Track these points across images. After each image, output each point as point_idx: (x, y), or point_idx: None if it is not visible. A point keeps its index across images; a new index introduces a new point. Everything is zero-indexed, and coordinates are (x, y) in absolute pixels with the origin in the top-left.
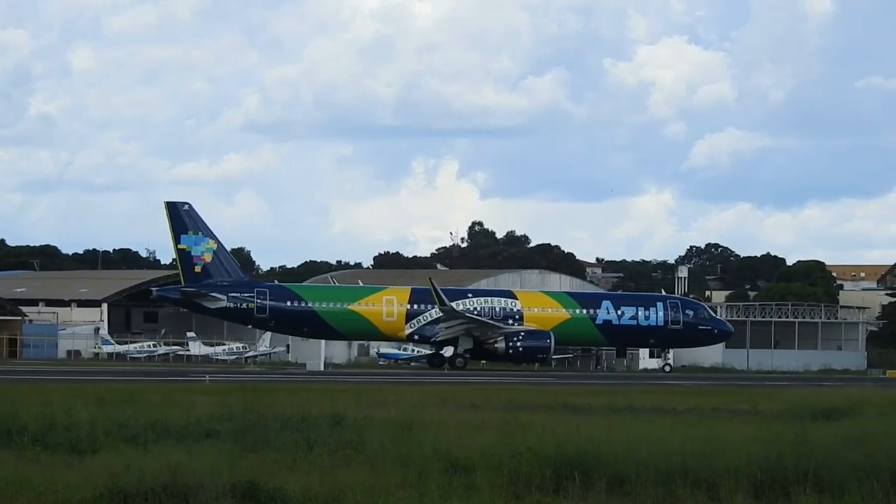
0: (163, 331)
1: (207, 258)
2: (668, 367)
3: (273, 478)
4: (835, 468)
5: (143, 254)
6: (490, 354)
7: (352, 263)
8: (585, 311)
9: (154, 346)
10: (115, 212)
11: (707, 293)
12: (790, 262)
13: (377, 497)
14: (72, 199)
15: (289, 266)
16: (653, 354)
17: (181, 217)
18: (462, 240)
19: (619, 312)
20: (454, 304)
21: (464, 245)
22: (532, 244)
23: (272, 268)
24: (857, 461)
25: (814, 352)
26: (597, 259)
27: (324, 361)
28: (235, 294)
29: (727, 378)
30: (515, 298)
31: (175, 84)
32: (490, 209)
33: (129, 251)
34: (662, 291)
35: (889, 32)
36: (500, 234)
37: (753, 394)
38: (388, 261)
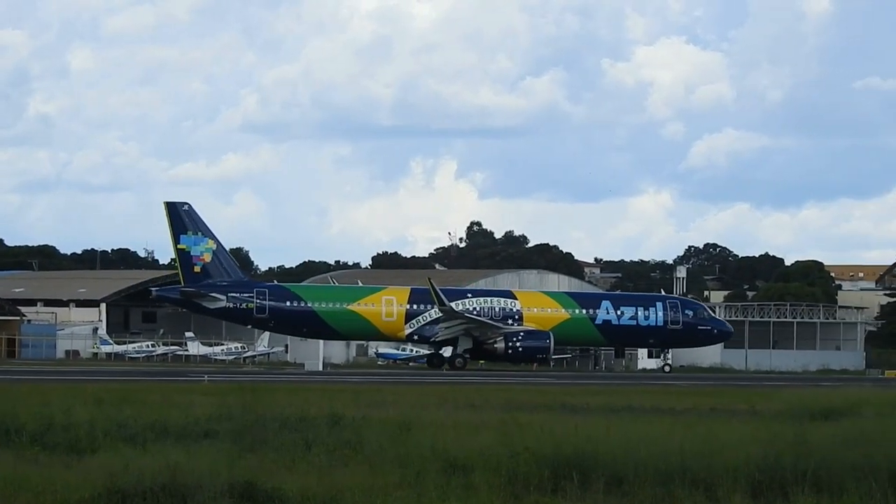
0: (161, 331)
1: (207, 258)
2: (668, 368)
3: (271, 478)
4: (833, 468)
5: (142, 254)
6: (489, 354)
7: (350, 263)
8: (585, 312)
9: (152, 346)
10: (114, 212)
11: (705, 293)
12: (788, 263)
13: (375, 497)
14: (70, 200)
15: (287, 266)
16: (651, 354)
17: (181, 217)
18: (460, 240)
19: (619, 312)
20: (454, 305)
21: (462, 245)
22: (530, 244)
23: (271, 268)
24: (856, 461)
25: (812, 352)
26: (595, 259)
27: (322, 361)
28: (235, 294)
29: (725, 378)
30: (515, 298)
31: (173, 84)
32: (488, 209)
33: (128, 251)
34: (662, 291)
35: (887, 33)
36: (499, 235)
37: (752, 394)
38: (387, 261)
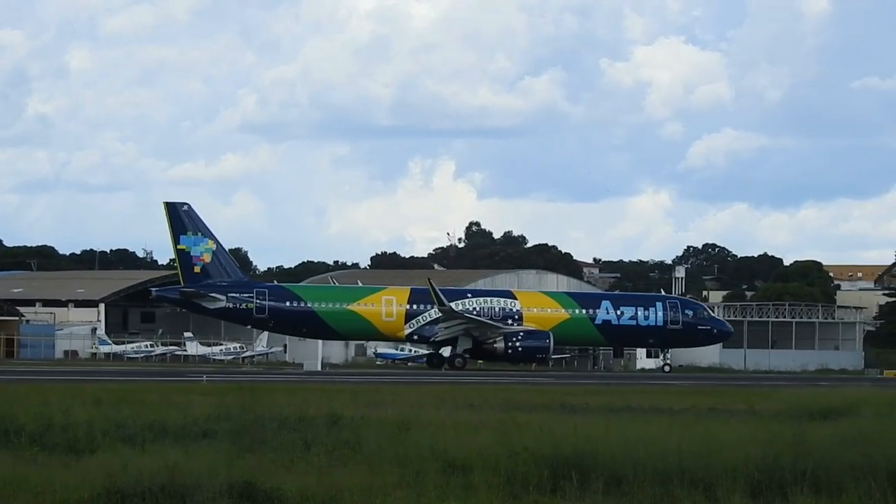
0: (160, 331)
1: (207, 258)
2: (668, 367)
3: (270, 478)
4: (832, 468)
5: (140, 254)
6: (489, 354)
7: (349, 264)
8: (585, 312)
9: (151, 347)
10: (112, 212)
11: (704, 293)
12: (787, 263)
13: (374, 497)
14: (69, 200)
15: (286, 266)
16: (650, 354)
17: (180, 217)
18: (459, 240)
19: (619, 312)
20: (453, 305)
21: (461, 245)
22: (529, 244)
23: (269, 268)
24: (855, 461)
25: (811, 352)
26: (594, 259)
27: (321, 361)
28: (235, 294)
29: (724, 378)
30: (515, 298)
31: (172, 84)
32: (487, 209)
33: (126, 251)
34: (662, 291)
35: (886, 33)
36: (498, 235)
37: (751, 394)
38: (385, 261)
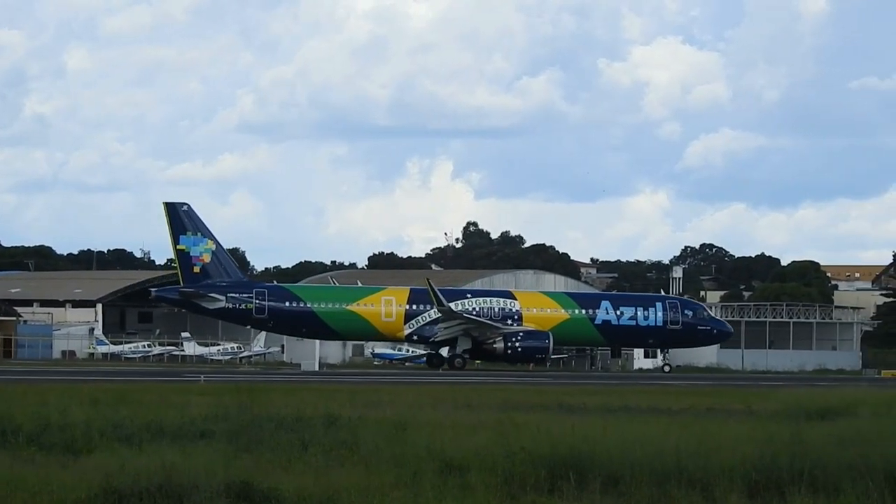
0: (157, 331)
1: (206, 259)
2: (668, 368)
3: (267, 478)
4: (829, 468)
5: (138, 254)
6: (489, 355)
7: (346, 264)
8: (584, 312)
9: (149, 347)
10: (110, 212)
11: (702, 293)
12: (785, 263)
13: (372, 497)
14: (66, 200)
15: (284, 266)
16: (648, 354)
17: (180, 217)
18: (457, 240)
19: (619, 313)
20: (453, 305)
21: (458, 245)
22: (527, 244)
23: (267, 268)
24: (852, 461)
25: (808, 352)
26: (591, 259)
27: (318, 361)
28: (234, 294)
29: (722, 378)
30: (514, 299)
31: (170, 85)
32: (485, 209)
33: (124, 251)
34: (662, 292)
35: (884, 33)
36: (495, 235)
37: (748, 394)
38: (383, 261)
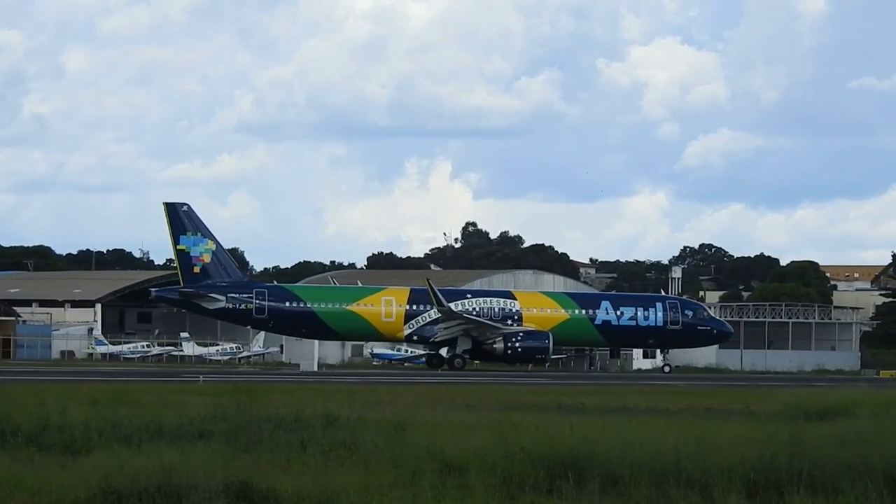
0: (156, 331)
1: (206, 259)
2: (668, 368)
3: (266, 478)
4: (828, 468)
5: (137, 254)
6: (489, 355)
7: (345, 264)
8: (584, 312)
9: (148, 347)
10: (109, 212)
11: (700, 294)
12: (784, 263)
13: (370, 497)
14: (65, 200)
15: (282, 266)
16: (646, 355)
17: (180, 218)
18: (456, 240)
19: (619, 313)
20: (453, 305)
21: (457, 245)
22: (526, 245)
23: (266, 268)
24: (851, 461)
25: (807, 352)
26: (590, 259)
27: (317, 362)
28: (234, 295)
29: (721, 378)
30: (514, 299)
31: (168, 85)
32: (483, 210)
33: (123, 252)
34: (662, 292)
35: (882, 33)
36: (494, 235)
37: (747, 394)
38: (382, 261)
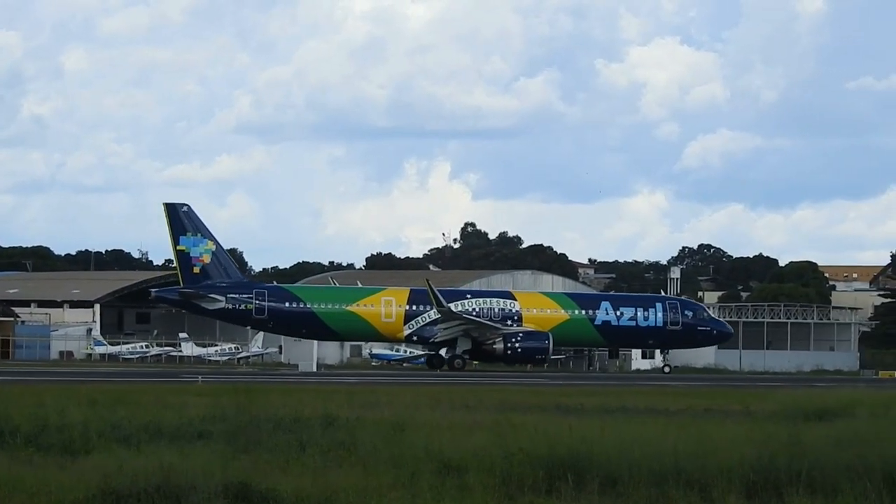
0: (155, 332)
1: (206, 259)
2: (668, 368)
3: (265, 478)
4: (827, 469)
5: (136, 255)
6: (489, 355)
7: (344, 264)
8: (584, 312)
9: (146, 347)
10: (108, 213)
11: (699, 294)
12: (782, 263)
13: (369, 498)
14: (64, 201)
15: (281, 267)
16: (645, 355)
17: (180, 218)
18: (454, 241)
19: (619, 313)
20: (453, 306)
21: (456, 246)
22: (524, 245)
23: (265, 269)
24: (850, 462)
25: (806, 352)
26: (589, 260)
27: (316, 362)
28: (234, 295)
29: (720, 379)
30: (514, 299)
31: (167, 85)
32: (482, 210)
33: (122, 252)
34: (662, 292)
35: (881, 33)
36: (493, 235)
37: (746, 394)
38: (381, 262)
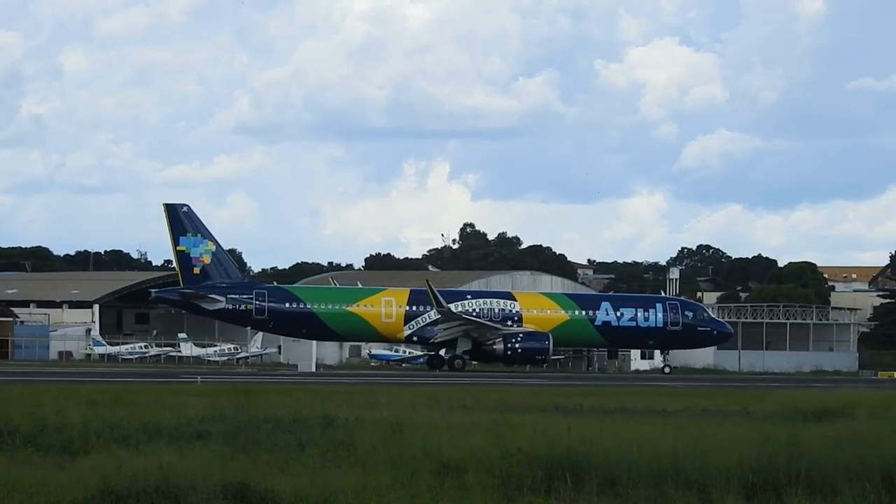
0: (154, 332)
1: (206, 260)
2: (668, 369)
3: (264, 479)
4: (826, 469)
5: (135, 255)
6: (489, 356)
7: (343, 265)
8: (584, 313)
9: (145, 348)
10: (107, 213)
11: (698, 295)
12: (781, 264)
13: (368, 498)
14: (63, 201)
15: (280, 267)
16: (644, 356)
17: (180, 219)
18: (453, 241)
19: (619, 314)
20: (453, 306)
21: (455, 246)
22: (523, 245)
23: (263, 269)
24: (849, 462)
25: (805, 353)
26: (588, 260)
27: (315, 362)
28: (234, 296)
29: (719, 379)
30: (514, 300)
31: (166, 86)
32: (481, 211)
33: (121, 252)
34: (662, 293)
35: (880, 33)
36: (492, 236)
37: (745, 395)
38: (380, 262)
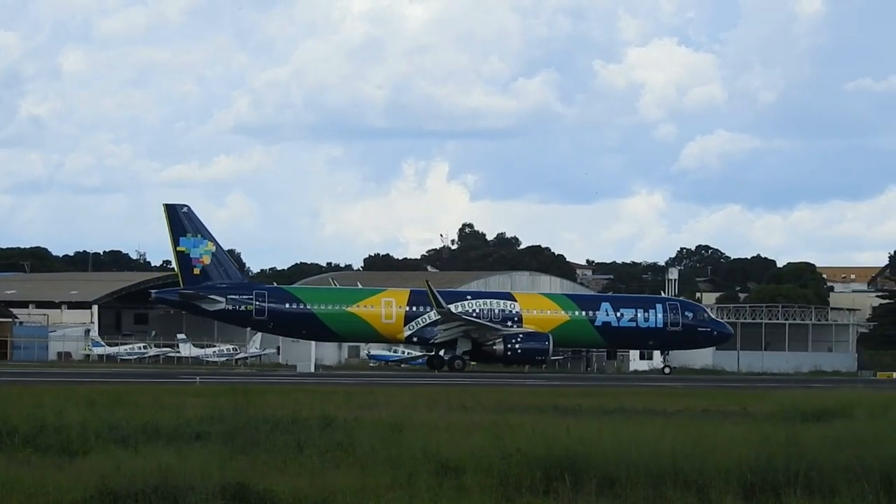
0: (153, 333)
1: (206, 260)
2: (668, 369)
3: (263, 479)
4: (825, 470)
5: (134, 256)
6: (489, 356)
7: (342, 265)
8: (584, 313)
9: (144, 348)
10: (106, 214)
11: (697, 295)
12: (780, 264)
13: (367, 498)
14: (62, 201)
15: (279, 268)
16: (643, 356)
17: (180, 219)
18: (452, 241)
19: (619, 314)
20: (453, 307)
21: (454, 247)
22: (522, 246)
23: (262, 269)
24: (848, 463)
25: (804, 353)
26: (587, 261)
27: (314, 363)
28: (234, 296)
29: (718, 380)
30: (514, 300)
31: (165, 86)
32: (480, 211)
33: (120, 253)
34: (663, 293)
35: (879, 34)
36: (491, 236)
37: (744, 395)
38: (379, 262)
